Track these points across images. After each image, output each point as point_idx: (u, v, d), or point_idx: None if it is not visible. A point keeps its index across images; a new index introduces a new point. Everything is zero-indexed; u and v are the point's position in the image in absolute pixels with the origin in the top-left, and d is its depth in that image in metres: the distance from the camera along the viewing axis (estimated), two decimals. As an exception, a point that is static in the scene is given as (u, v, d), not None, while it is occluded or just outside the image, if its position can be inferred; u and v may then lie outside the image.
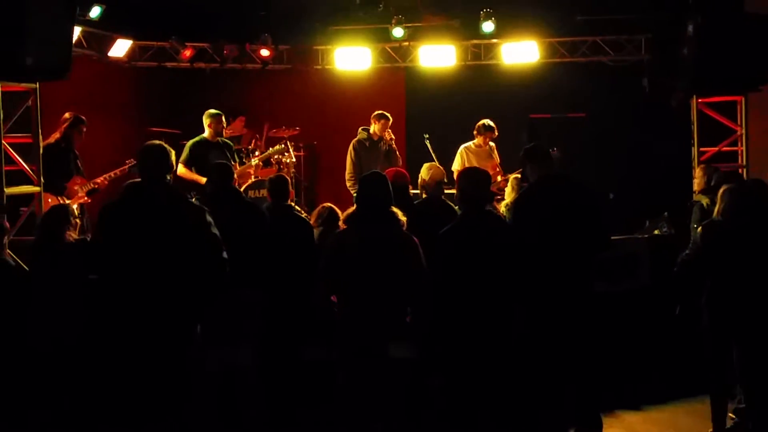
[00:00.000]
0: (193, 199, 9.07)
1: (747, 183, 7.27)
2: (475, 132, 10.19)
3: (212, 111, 9.47)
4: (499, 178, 9.88)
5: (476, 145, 10.22)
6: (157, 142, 5.37)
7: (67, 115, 8.75)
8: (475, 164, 9.92)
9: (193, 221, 5.15)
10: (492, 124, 10.15)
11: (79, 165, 8.87)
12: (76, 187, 8.61)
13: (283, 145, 10.62)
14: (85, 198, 8.66)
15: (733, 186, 6.31)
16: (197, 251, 5.12)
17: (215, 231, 5.23)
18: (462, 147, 10.28)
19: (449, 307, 5.50)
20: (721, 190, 6.29)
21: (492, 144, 10.21)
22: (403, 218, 5.43)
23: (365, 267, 5.29)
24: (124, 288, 5.09)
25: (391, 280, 5.29)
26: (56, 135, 8.57)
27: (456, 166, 10.08)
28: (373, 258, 5.30)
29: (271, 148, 10.69)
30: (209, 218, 5.20)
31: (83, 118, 8.81)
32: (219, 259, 5.21)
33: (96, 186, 8.77)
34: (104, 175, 8.88)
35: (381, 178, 5.56)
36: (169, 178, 5.28)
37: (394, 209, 5.43)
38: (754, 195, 6.15)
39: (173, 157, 5.33)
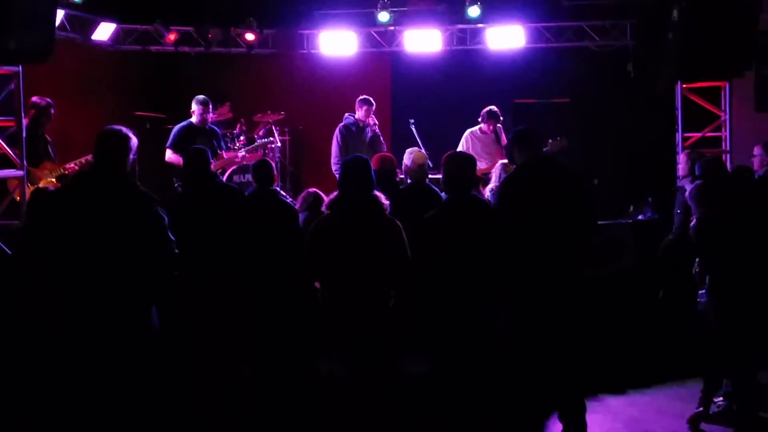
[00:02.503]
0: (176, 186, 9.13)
1: (733, 171, 7.33)
2: (480, 118, 10.19)
3: (200, 97, 9.42)
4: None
5: (481, 131, 10.21)
6: (116, 127, 5.28)
7: (34, 99, 8.65)
8: (480, 150, 9.96)
9: (139, 212, 5.09)
10: (496, 110, 10.12)
11: (50, 150, 8.76)
12: (45, 172, 8.51)
13: (266, 140, 10.64)
14: (55, 183, 8.52)
15: (716, 173, 6.37)
16: (142, 241, 5.07)
17: (163, 223, 5.15)
18: (467, 132, 10.25)
19: (435, 292, 5.50)
20: (695, 188, 6.34)
21: (500, 126, 10.19)
22: (386, 202, 5.42)
23: (348, 252, 5.27)
24: (63, 279, 5.05)
25: (374, 265, 5.28)
26: (24, 120, 8.45)
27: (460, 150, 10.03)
28: (356, 243, 5.28)
29: (258, 141, 10.68)
30: (159, 210, 5.13)
31: (50, 101, 8.71)
32: (165, 252, 5.16)
33: (66, 171, 8.60)
34: (75, 161, 8.71)
35: (363, 162, 5.53)
36: (127, 164, 5.20)
37: (377, 193, 5.42)
38: (739, 184, 6.22)
39: (131, 144, 5.23)
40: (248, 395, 6.25)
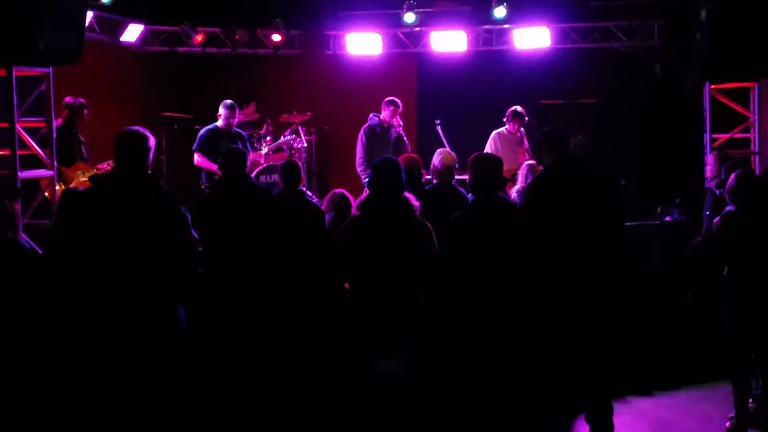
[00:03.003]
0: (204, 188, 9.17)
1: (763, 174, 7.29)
2: (505, 119, 10.17)
3: (227, 102, 9.44)
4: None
5: (508, 132, 10.19)
6: (134, 128, 5.32)
7: (68, 99, 8.74)
8: (505, 150, 9.95)
9: (163, 210, 5.13)
10: (521, 110, 10.11)
11: (84, 150, 8.83)
12: (78, 172, 8.59)
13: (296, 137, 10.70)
14: (87, 183, 8.58)
15: (744, 174, 6.31)
16: (166, 241, 5.11)
17: (186, 222, 5.18)
18: (494, 132, 10.26)
19: (459, 294, 5.51)
20: (731, 181, 6.30)
21: (522, 130, 10.18)
22: (416, 204, 5.43)
23: (378, 253, 5.30)
24: (89, 279, 5.09)
25: (404, 266, 5.30)
26: (58, 120, 8.53)
27: (487, 151, 10.02)
28: (387, 244, 5.30)
29: (282, 140, 10.73)
30: (182, 209, 5.17)
31: (84, 101, 8.80)
32: (188, 251, 5.19)
33: (98, 172, 8.69)
34: (108, 161, 8.76)
35: (394, 163, 5.55)
36: (147, 164, 5.24)
37: (408, 195, 5.43)
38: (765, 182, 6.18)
39: (149, 144, 5.27)
40: (267, 394, 6.28)
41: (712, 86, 9.25)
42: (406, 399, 5.39)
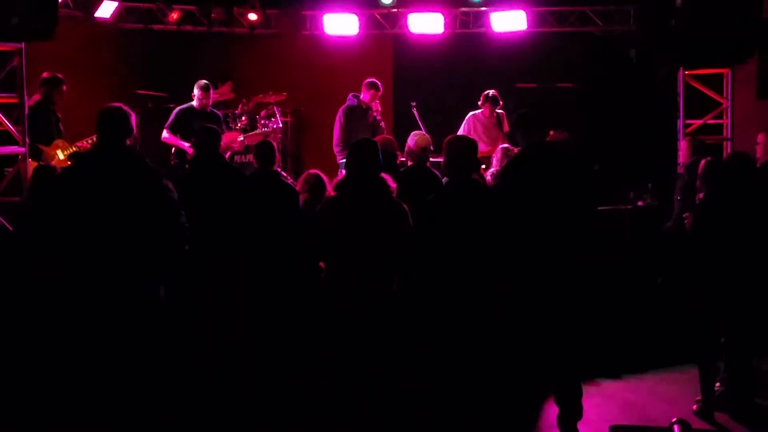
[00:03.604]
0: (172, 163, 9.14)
1: (729, 158, 7.35)
2: (479, 102, 10.15)
3: (201, 82, 9.33)
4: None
5: (483, 115, 10.16)
6: (117, 105, 5.34)
7: (45, 74, 8.66)
8: (481, 133, 9.93)
9: (149, 186, 5.13)
10: (494, 94, 10.06)
11: (61, 128, 8.78)
12: (57, 150, 8.54)
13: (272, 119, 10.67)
14: (66, 162, 8.56)
15: (713, 161, 6.38)
16: (153, 216, 5.12)
17: (172, 195, 5.22)
18: (470, 114, 10.18)
19: (434, 276, 5.53)
20: (701, 165, 6.37)
21: (501, 112, 10.15)
22: (393, 185, 5.45)
23: (354, 233, 5.31)
24: (79, 255, 5.09)
25: (380, 246, 5.32)
26: (36, 96, 8.46)
27: (461, 133, 9.99)
28: (363, 225, 5.32)
29: (260, 125, 10.71)
30: (165, 182, 5.19)
31: (61, 77, 8.72)
32: (176, 224, 5.21)
33: (78, 149, 8.67)
34: (87, 138, 8.76)
35: (371, 144, 5.57)
36: (127, 141, 5.26)
37: (384, 176, 5.45)
38: (736, 170, 6.25)
39: (132, 121, 5.30)
40: (246, 374, 6.30)
41: (686, 72, 9.32)
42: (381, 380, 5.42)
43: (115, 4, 11.05)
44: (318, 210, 5.57)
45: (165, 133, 9.30)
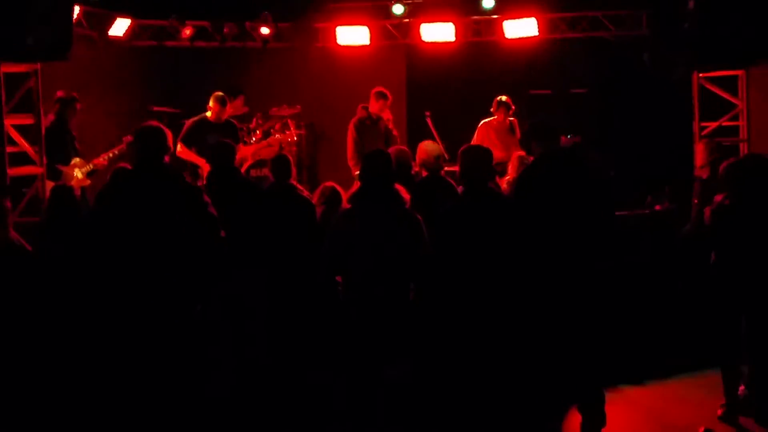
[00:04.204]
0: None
1: (748, 159, 7.29)
2: (492, 108, 10.14)
3: (218, 95, 9.40)
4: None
5: (496, 121, 10.16)
6: (155, 123, 5.37)
7: (59, 94, 8.71)
8: (495, 140, 9.92)
9: (189, 202, 5.16)
10: (506, 99, 10.06)
11: (77, 146, 8.83)
12: (75, 169, 8.59)
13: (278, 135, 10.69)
14: (85, 180, 8.62)
15: (734, 162, 6.34)
16: (194, 232, 5.14)
17: (212, 210, 5.24)
18: (482, 122, 10.21)
19: (450, 285, 5.52)
20: (722, 168, 6.33)
21: (513, 119, 10.14)
22: (407, 196, 5.45)
23: (369, 245, 5.31)
24: (123, 274, 5.11)
25: (395, 258, 5.31)
26: (51, 116, 8.50)
27: (475, 140, 9.98)
28: (377, 236, 5.31)
29: (272, 134, 10.72)
30: (205, 198, 5.21)
31: (76, 95, 8.77)
32: (216, 240, 5.23)
33: (95, 167, 8.73)
34: (103, 155, 8.82)
35: (384, 155, 5.57)
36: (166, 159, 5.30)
37: (398, 187, 5.45)
38: (756, 171, 6.20)
39: (169, 139, 5.33)
40: (264, 385, 6.31)
41: (701, 75, 9.28)
42: (399, 392, 5.41)
43: (128, 21, 11.13)
44: (333, 222, 5.57)
45: (179, 147, 9.33)
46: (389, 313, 5.32)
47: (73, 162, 8.59)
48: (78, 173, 8.57)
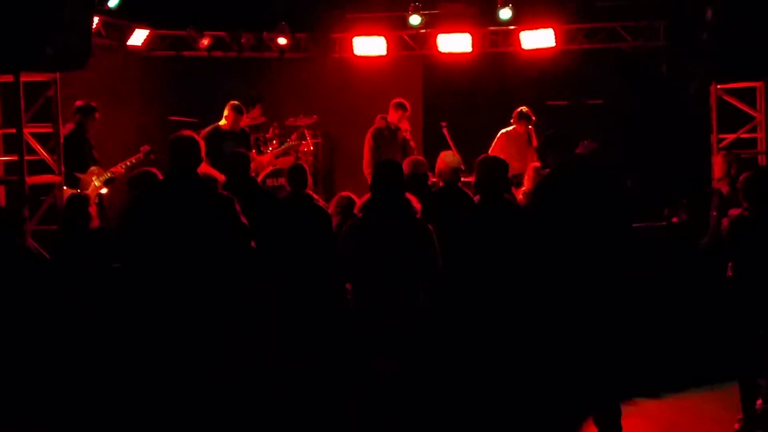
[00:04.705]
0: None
1: (766, 171, 7.26)
2: (512, 119, 10.13)
3: (235, 103, 9.44)
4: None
5: (515, 132, 10.15)
6: (188, 132, 5.37)
7: (78, 103, 8.78)
8: (513, 150, 9.90)
9: (222, 212, 5.18)
10: (527, 111, 10.04)
11: (95, 155, 8.90)
12: (93, 177, 8.66)
13: (296, 142, 10.67)
14: (102, 188, 8.68)
15: (754, 174, 6.31)
16: (227, 242, 5.16)
17: (244, 220, 5.26)
18: (501, 131, 10.19)
19: (466, 296, 5.51)
20: (741, 179, 6.29)
21: (531, 130, 10.11)
22: (418, 206, 5.44)
23: (379, 255, 5.30)
24: (156, 282, 5.13)
25: (405, 268, 5.30)
26: (70, 125, 8.57)
27: (492, 151, 9.96)
28: (387, 246, 5.30)
29: (287, 142, 10.72)
30: (237, 208, 5.24)
31: (94, 105, 8.84)
32: (247, 249, 5.26)
33: (112, 175, 8.79)
34: (120, 164, 8.90)
35: (395, 165, 5.57)
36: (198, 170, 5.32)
37: (409, 196, 5.44)
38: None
39: (202, 149, 5.34)
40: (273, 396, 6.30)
41: (719, 86, 9.23)
42: (408, 400, 5.39)
43: (147, 32, 11.20)
44: (343, 231, 5.57)
45: None
46: (398, 321, 5.30)
47: (90, 170, 8.66)
48: (95, 181, 8.65)
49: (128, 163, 8.90)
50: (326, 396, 6.48)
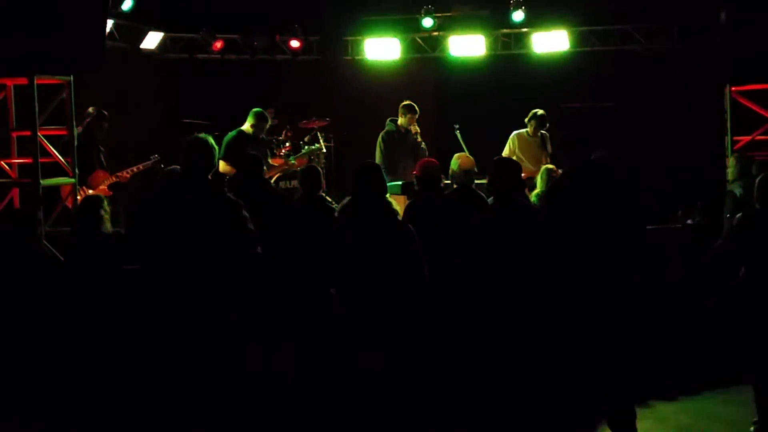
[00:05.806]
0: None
1: None
2: (526, 120, 10.10)
3: (257, 110, 9.30)
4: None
5: (528, 134, 10.12)
6: (203, 136, 5.36)
7: (90, 109, 8.82)
8: (525, 152, 9.87)
9: (229, 217, 5.18)
10: (543, 114, 9.99)
11: (103, 159, 8.93)
12: (98, 180, 8.69)
13: (316, 146, 10.70)
14: (107, 192, 8.69)
15: (765, 176, 6.27)
16: (233, 247, 5.16)
17: (251, 226, 5.26)
18: (514, 133, 10.13)
19: (481, 299, 5.49)
20: (758, 180, 6.26)
21: (545, 133, 10.08)
22: (398, 208, 5.41)
23: (360, 258, 5.26)
24: (160, 282, 5.14)
25: (387, 270, 5.26)
26: (78, 129, 8.60)
27: (505, 151, 9.95)
28: (368, 249, 5.25)
29: (305, 147, 10.74)
30: (245, 213, 5.23)
31: (105, 113, 8.88)
32: (252, 254, 5.25)
33: (117, 179, 8.82)
34: (127, 170, 8.94)
35: (374, 168, 5.52)
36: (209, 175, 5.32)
37: (389, 199, 5.42)
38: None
39: (216, 155, 5.33)
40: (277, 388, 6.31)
41: (733, 88, 9.20)
42: (397, 398, 5.37)
43: (160, 35, 11.25)
44: (327, 235, 5.55)
45: (222, 165, 9.16)
46: (383, 323, 5.27)
47: (95, 173, 8.69)
48: (101, 183, 8.69)
49: (135, 170, 8.92)
50: (316, 394, 6.48)
